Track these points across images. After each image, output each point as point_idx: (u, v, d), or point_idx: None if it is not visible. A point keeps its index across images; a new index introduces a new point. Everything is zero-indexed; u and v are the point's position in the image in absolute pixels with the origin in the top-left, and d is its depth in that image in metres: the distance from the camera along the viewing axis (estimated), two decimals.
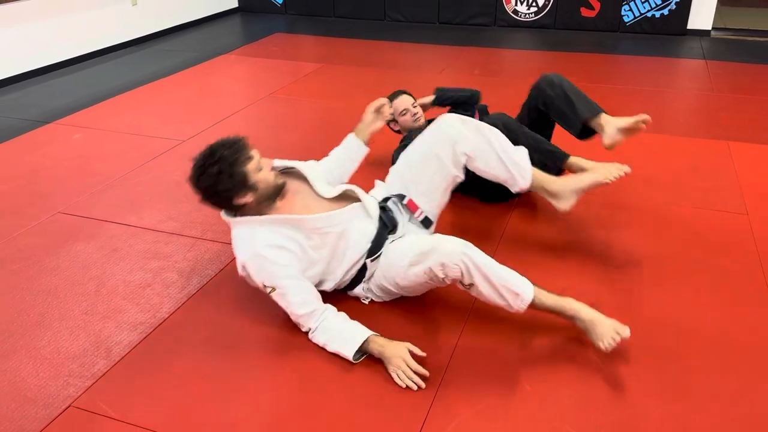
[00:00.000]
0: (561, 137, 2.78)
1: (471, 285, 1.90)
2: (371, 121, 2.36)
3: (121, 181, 3.18)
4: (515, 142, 2.31)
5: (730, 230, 2.63)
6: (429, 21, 6.69)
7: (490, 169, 2.25)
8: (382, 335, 1.94)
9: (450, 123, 2.24)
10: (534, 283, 1.95)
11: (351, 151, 2.39)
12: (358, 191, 2.19)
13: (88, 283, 2.37)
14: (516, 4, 6.37)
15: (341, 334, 1.94)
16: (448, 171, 2.23)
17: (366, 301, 2.20)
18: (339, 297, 2.18)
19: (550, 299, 1.97)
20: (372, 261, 2.11)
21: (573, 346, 1.99)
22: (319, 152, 2.47)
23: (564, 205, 2.31)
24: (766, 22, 6.46)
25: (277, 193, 2.03)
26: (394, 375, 1.85)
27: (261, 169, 1.96)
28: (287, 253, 1.97)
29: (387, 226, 2.16)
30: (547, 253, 2.48)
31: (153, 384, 1.88)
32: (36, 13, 4.97)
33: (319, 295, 2.02)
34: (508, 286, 1.91)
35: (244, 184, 1.93)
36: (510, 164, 2.24)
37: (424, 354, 1.89)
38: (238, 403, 1.80)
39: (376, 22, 6.80)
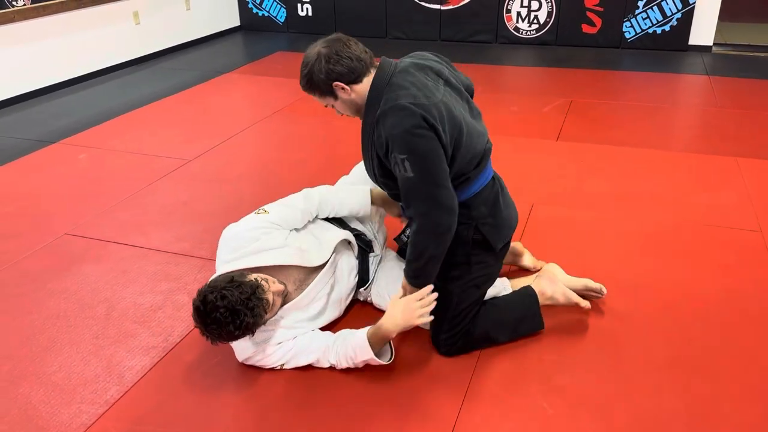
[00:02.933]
0: None
1: None
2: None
3: (129, 202, 3.16)
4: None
5: (744, 248, 2.61)
6: (430, 38, 6.71)
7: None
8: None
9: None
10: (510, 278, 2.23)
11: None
12: (336, 234, 2.13)
13: (98, 306, 2.34)
14: (517, 21, 6.39)
15: (354, 350, 1.90)
16: None
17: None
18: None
19: None
20: (365, 290, 2.20)
21: (593, 367, 1.97)
22: (326, 170, 2.45)
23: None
24: (766, 37, 6.49)
25: (281, 303, 1.96)
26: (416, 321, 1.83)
27: (273, 304, 1.86)
28: (280, 348, 1.96)
29: (365, 249, 2.21)
30: None
31: (167, 410, 1.85)
32: (39, 32, 4.97)
33: (320, 340, 1.98)
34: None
35: (259, 324, 1.86)
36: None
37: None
38: (254, 428, 1.77)
39: (378, 40, 6.81)
